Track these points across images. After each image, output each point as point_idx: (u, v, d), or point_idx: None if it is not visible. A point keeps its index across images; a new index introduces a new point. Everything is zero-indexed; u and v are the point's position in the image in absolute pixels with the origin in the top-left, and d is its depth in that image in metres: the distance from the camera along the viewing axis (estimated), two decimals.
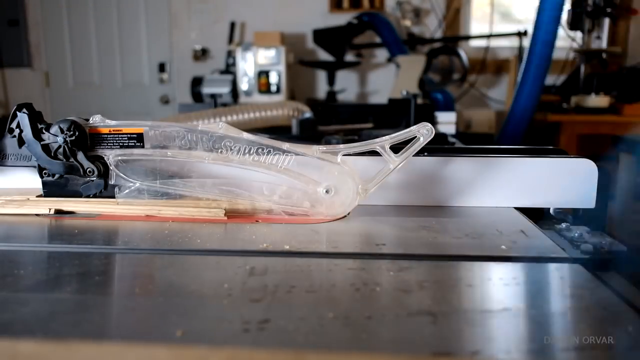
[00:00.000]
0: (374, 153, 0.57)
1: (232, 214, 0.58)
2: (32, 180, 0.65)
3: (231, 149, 0.58)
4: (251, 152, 0.57)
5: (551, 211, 0.64)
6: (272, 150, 0.57)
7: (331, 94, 3.03)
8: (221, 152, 0.58)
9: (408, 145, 0.56)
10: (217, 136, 0.58)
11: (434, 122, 1.72)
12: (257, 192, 0.58)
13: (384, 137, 0.56)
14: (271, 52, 2.81)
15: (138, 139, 0.59)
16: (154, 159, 0.59)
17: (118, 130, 0.59)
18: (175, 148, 0.59)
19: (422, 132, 0.55)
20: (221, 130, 0.57)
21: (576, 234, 0.51)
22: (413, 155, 0.56)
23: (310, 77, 3.38)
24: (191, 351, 0.29)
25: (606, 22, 2.46)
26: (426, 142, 0.55)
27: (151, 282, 0.40)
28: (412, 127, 0.55)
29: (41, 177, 0.62)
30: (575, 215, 0.62)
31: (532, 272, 0.42)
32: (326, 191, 0.57)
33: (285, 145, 0.57)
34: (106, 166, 0.60)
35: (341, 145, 0.57)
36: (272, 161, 0.57)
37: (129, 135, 0.59)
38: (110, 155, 0.60)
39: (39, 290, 0.38)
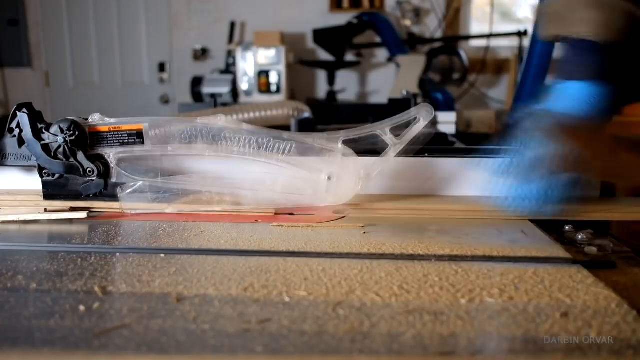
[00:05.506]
0: (375, 152, 0.57)
1: (235, 208, 0.58)
2: (32, 180, 0.65)
3: (231, 140, 0.57)
4: (251, 142, 0.57)
5: None
6: (272, 139, 0.57)
7: (331, 94, 3.03)
8: (221, 144, 0.58)
9: (409, 127, 0.56)
10: (216, 128, 0.57)
11: (434, 122, 1.72)
12: (260, 183, 0.58)
13: (384, 121, 0.56)
14: (271, 52, 2.80)
15: (138, 136, 0.59)
16: (154, 155, 0.59)
17: (117, 128, 0.59)
18: (175, 142, 0.58)
19: (422, 113, 0.55)
20: (220, 122, 0.57)
21: (579, 236, 0.51)
22: (413, 156, 0.56)
23: (310, 77, 3.37)
24: None
25: None
26: (426, 123, 0.55)
27: (151, 282, 0.40)
28: (411, 109, 0.55)
29: (41, 177, 0.62)
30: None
31: (532, 272, 0.42)
32: (328, 177, 0.57)
33: (286, 135, 0.57)
34: (106, 165, 0.60)
35: (341, 132, 0.57)
36: (273, 151, 0.57)
37: (128, 132, 0.59)
38: (111, 154, 0.60)
39: (39, 290, 0.38)
